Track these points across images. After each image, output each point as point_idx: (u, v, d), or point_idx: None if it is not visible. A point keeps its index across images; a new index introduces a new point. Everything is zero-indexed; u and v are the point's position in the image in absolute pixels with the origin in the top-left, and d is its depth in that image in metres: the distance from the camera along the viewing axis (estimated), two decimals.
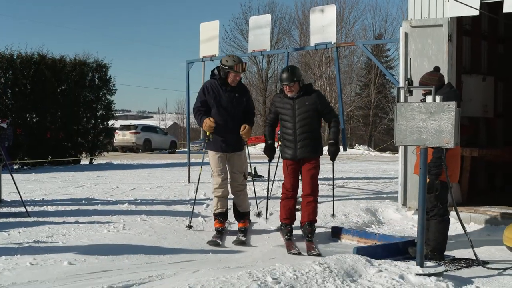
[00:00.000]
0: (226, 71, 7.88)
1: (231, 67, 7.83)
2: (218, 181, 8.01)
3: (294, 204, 7.99)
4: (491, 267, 6.27)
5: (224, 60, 7.98)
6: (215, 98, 7.95)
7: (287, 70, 7.85)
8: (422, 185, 5.76)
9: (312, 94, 7.84)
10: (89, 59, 22.38)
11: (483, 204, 9.55)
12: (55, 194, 11.54)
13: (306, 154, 7.74)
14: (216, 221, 8.12)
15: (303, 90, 7.80)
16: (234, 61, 7.88)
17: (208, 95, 7.98)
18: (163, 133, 39.83)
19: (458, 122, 5.56)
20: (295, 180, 7.89)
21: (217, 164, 8.04)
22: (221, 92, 7.96)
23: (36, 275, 5.64)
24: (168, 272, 5.78)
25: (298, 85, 7.74)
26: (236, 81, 8.00)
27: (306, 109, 7.71)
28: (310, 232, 7.72)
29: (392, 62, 51.44)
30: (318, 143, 7.87)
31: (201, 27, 13.55)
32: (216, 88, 7.98)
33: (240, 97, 8.06)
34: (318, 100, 7.81)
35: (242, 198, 8.27)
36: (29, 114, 20.49)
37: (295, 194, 7.97)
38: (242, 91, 8.19)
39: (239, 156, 8.16)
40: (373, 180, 15.02)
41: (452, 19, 9.30)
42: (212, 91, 7.97)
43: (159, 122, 75.35)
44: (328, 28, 11.46)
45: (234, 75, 7.91)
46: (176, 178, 15.00)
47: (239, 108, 8.04)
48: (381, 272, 5.43)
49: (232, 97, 7.98)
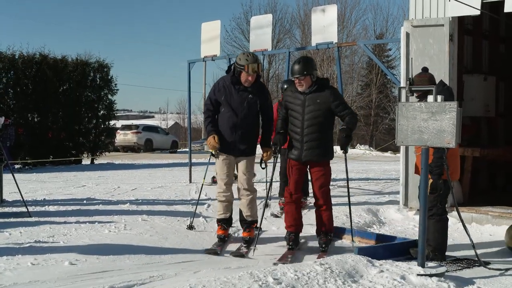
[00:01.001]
0: (239, 70, 7.28)
1: (242, 67, 7.24)
2: (222, 186, 7.53)
3: (298, 209, 7.36)
4: (492, 267, 6.27)
5: (238, 57, 7.38)
6: (226, 97, 7.37)
7: (299, 61, 7.16)
8: (424, 186, 5.75)
9: (326, 91, 7.07)
10: (91, 59, 22.50)
11: (485, 204, 9.53)
12: (57, 194, 11.55)
13: (313, 158, 7.07)
14: (218, 228, 7.72)
15: (317, 86, 7.08)
16: (247, 60, 7.22)
17: (218, 93, 7.42)
18: (165, 133, 39.89)
19: (459, 122, 5.56)
20: (298, 182, 7.27)
21: (221, 167, 7.51)
22: (232, 91, 7.35)
23: (37, 275, 5.64)
24: (169, 272, 5.79)
25: (310, 79, 7.03)
26: (249, 81, 7.32)
27: (317, 108, 6.99)
28: (324, 242, 7.15)
29: (394, 61, 51.43)
30: (327, 146, 7.16)
31: (202, 27, 13.56)
32: (228, 86, 7.39)
33: (253, 99, 7.38)
34: (332, 97, 7.03)
35: (249, 204, 7.58)
36: (31, 114, 20.54)
37: (298, 198, 7.33)
38: (258, 92, 7.45)
39: (247, 160, 7.52)
40: (374, 180, 15.02)
41: (453, 18, 9.29)
42: (223, 89, 7.40)
43: (161, 122, 75.31)
44: (329, 28, 11.45)
45: (246, 76, 7.27)
46: (177, 178, 15.01)
47: (252, 110, 7.41)
48: (383, 272, 5.43)
49: (245, 98, 7.34)
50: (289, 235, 7.29)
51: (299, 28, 51.08)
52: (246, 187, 7.53)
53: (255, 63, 7.27)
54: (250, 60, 7.23)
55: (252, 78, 7.33)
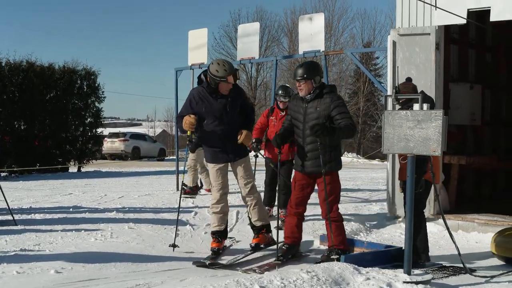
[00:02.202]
0: (217, 81, 7.05)
1: (224, 79, 7.01)
2: (216, 196, 7.32)
3: (297, 222, 7.00)
4: (478, 274, 6.28)
5: (213, 69, 7.04)
6: (206, 107, 7.14)
7: (302, 65, 6.88)
8: (410, 194, 5.78)
9: (327, 98, 6.67)
10: (78, 67, 22.45)
11: (471, 212, 9.58)
12: (43, 202, 11.49)
13: (315, 169, 6.71)
14: (213, 240, 7.40)
15: (318, 92, 6.74)
16: (225, 71, 7.00)
17: (197, 106, 7.19)
18: (152, 140, 39.80)
19: (445, 130, 5.59)
20: (299, 197, 6.93)
21: (215, 177, 7.32)
22: (211, 100, 7.14)
23: (22, 283, 5.63)
24: (156, 280, 5.77)
25: (311, 84, 6.70)
26: (229, 89, 7.16)
27: (316, 116, 6.63)
28: (321, 258, 6.77)
29: (381, 70, 51.62)
30: (331, 156, 6.71)
31: (190, 35, 13.57)
32: (205, 97, 7.17)
33: (233, 101, 7.21)
34: (333, 105, 6.61)
35: (253, 208, 7.37)
36: (17, 122, 20.42)
37: (300, 212, 6.99)
38: (235, 94, 7.29)
39: (243, 163, 7.33)
40: (361, 188, 15.05)
41: (440, 27, 9.36)
42: (201, 101, 7.17)
43: (148, 130, 75.14)
44: (317, 36, 11.50)
45: (227, 85, 7.10)
46: (164, 186, 14.97)
47: (235, 112, 7.23)
48: (369, 280, 5.43)
49: (225, 103, 7.14)
50: (282, 245, 7.05)
51: (286, 36, 51.30)
52: (246, 192, 7.36)
53: (234, 72, 7.15)
54: (228, 70, 7.04)
55: (231, 85, 7.19)
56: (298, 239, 7.10)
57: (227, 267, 6.66)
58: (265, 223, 7.45)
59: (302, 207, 6.98)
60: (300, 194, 6.91)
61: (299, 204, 6.94)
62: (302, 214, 7.04)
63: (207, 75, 7.17)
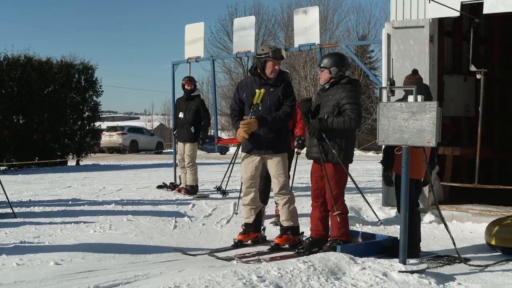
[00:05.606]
0: (263, 61, 6.95)
1: (267, 54, 6.91)
2: (244, 188, 7.24)
3: (319, 215, 6.86)
4: (472, 264, 6.36)
5: (259, 50, 7.05)
6: (247, 95, 7.07)
7: (326, 54, 6.98)
8: (405, 184, 5.85)
9: (340, 89, 6.66)
10: (76, 61, 22.39)
11: (465, 202, 9.68)
12: (42, 195, 11.55)
13: (314, 155, 6.77)
14: (241, 232, 7.36)
15: (333, 82, 6.74)
16: (270, 48, 6.95)
17: (240, 90, 7.18)
18: (150, 134, 39.87)
19: (439, 122, 5.66)
20: (315, 188, 6.88)
21: (244, 168, 7.18)
22: (255, 87, 7.04)
23: (22, 275, 5.66)
24: (154, 271, 5.82)
25: (327, 73, 6.72)
26: (276, 71, 6.99)
27: (326, 105, 6.68)
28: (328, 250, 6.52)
29: (376, 63, 51.45)
30: (339, 147, 6.64)
31: (186, 29, 13.62)
32: (250, 83, 7.13)
33: (274, 91, 7.03)
34: (343, 95, 6.59)
35: (283, 207, 7.14)
36: (16, 116, 20.38)
37: (319, 204, 6.86)
38: (277, 82, 7.06)
39: (275, 160, 7.07)
40: (356, 179, 15.05)
41: (433, 20, 9.42)
42: (246, 86, 7.15)
43: (146, 123, 75.18)
44: (312, 29, 11.54)
45: (273, 63, 6.95)
46: (162, 178, 15.00)
47: (274, 102, 7.00)
48: (365, 269, 5.51)
49: (266, 92, 7.00)
50: (307, 238, 6.98)
51: (282, 30, 51.27)
52: (277, 190, 7.16)
53: (280, 48, 7.10)
54: (273, 47, 6.99)
55: (278, 66, 7.04)
56: (323, 233, 6.88)
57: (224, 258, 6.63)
58: (293, 225, 7.17)
59: (321, 199, 6.85)
60: (315, 186, 6.87)
61: (317, 196, 6.87)
62: (323, 206, 6.85)
63: (256, 64, 7.11)
